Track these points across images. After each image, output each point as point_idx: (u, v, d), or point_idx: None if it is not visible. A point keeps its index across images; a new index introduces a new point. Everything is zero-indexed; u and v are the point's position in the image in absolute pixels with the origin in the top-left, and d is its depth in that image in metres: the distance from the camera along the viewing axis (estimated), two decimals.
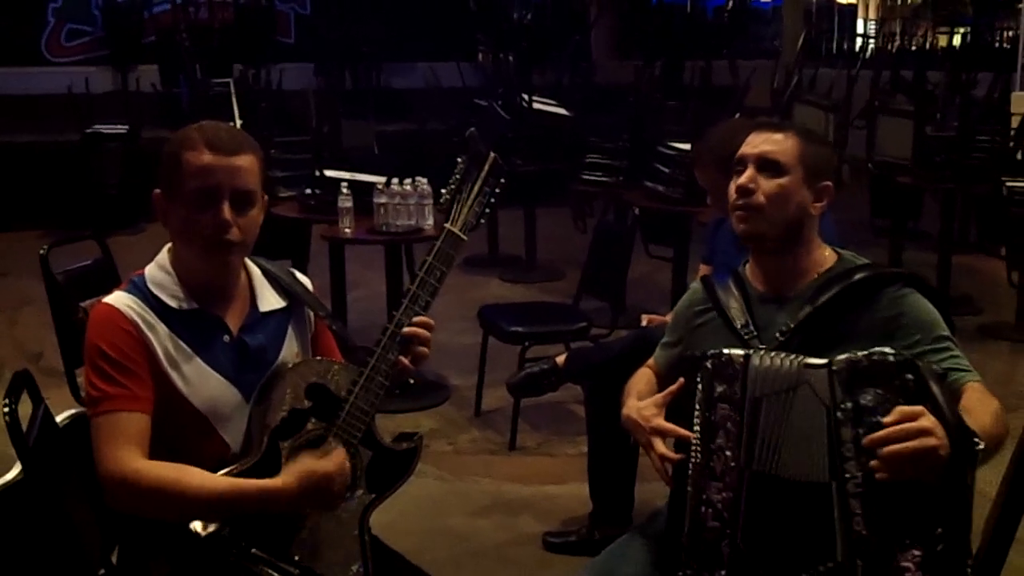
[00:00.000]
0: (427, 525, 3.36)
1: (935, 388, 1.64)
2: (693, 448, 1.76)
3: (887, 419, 1.61)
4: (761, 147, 1.95)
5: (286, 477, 1.76)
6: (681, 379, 1.84)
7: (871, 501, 1.63)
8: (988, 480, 1.81)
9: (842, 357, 1.69)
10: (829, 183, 1.98)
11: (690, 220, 5.28)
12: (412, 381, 1.92)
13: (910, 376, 1.65)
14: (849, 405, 1.66)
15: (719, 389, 1.76)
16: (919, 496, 1.60)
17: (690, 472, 1.76)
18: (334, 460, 1.79)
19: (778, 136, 1.96)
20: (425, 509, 3.39)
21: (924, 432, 1.58)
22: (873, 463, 1.60)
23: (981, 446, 1.62)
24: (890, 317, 1.86)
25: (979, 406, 1.75)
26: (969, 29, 12.65)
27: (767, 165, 1.94)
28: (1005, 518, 1.81)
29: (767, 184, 1.93)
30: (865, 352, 1.68)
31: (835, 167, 2.04)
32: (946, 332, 1.87)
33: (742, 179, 1.95)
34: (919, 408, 1.61)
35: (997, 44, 12.47)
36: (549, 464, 3.91)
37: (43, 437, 1.81)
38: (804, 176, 1.94)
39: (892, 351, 1.67)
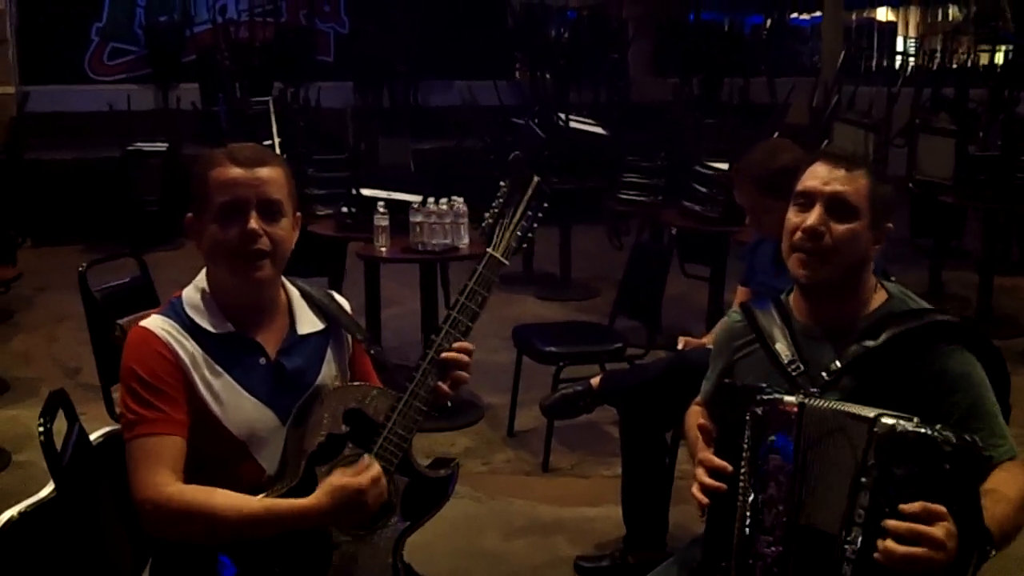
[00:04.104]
0: (461, 546, 3.33)
1: (972, 488, 1.56)
2: (740, 491, 1.69)
3: (905, 507, 1.52)
4: (834, 186, 1.80)
5: (319, 495, 1.74)
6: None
7: (862, 571, 1.56)
8: None
9: (888, 421, 1.57)
10: (891, 224, 1.87)
11: (727, 240, 5.25)
12: (449, 404, 1.90)
13: (948, 466, 1.53)
14: (876, 473, 1.56)
15: (771, 439, 1.67)
16: None
17: (736, 523, 1.68)
18: (368, 474, 1.76)
19: (850, 174, 1.82)
20: (459, 530, 3.37)
21: (933, 542, 1.49)
22: (876, 554, 1.53)
23: (993, 553, 1.57)
24: (936, 372, 1.76)
25: (1002, 487, 1.67)
26: (1011, 46, 12.47)
27: (839, 207, 1.80)
28: None
29: (838, 227, 1.80)
30: (916, 427, 1.55)
31: (895, 205, 1.92)
32: (990, 399, 1.77)
33: (813, 220, 1.80)
34: (941, 510, 1.51)
35: None
36: (583, 485, 3.88)
37: (77, 456, 1.81)
38: (872, 220, 1.82)
39: (941, 434, 1.54)
